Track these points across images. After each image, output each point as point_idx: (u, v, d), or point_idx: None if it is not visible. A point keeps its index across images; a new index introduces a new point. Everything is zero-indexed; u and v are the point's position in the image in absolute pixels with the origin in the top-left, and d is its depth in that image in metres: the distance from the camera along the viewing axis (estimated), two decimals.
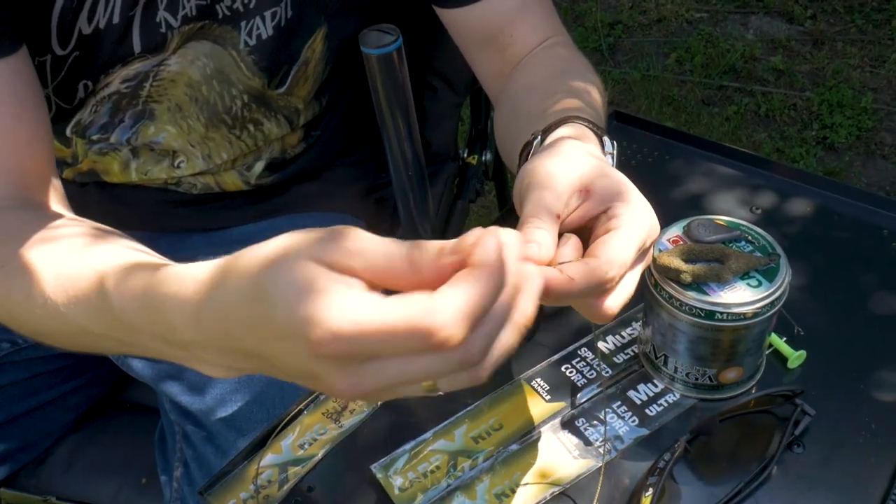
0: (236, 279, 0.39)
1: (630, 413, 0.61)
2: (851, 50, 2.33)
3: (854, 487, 0.55)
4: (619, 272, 0.46)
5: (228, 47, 0.77)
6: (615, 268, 0.45)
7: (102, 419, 0.93)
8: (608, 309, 0.46)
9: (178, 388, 0.79)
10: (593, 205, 0.49)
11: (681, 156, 0.85)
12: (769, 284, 0.55)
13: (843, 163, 2.01)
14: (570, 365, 0.64)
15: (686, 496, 0.56)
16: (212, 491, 0.59)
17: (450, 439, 0.60)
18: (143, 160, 0.84)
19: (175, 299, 0.42)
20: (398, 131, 0.65)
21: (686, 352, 0.58)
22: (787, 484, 0.56)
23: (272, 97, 0.82)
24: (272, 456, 0.61)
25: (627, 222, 0.47)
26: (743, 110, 2.17)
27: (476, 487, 0.57)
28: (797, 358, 0.62)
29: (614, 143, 0.60)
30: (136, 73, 0.76)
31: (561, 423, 0.60)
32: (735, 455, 0.58)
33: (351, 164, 0.99)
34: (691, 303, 0.55)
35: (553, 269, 0.44)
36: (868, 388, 0.61)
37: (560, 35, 0.78)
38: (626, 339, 0.66)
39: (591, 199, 0.49)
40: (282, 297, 0.36)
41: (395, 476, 0.58)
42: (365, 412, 0.63)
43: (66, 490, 0.88)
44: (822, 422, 0.59)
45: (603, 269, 0.45)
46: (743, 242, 0.58)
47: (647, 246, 0.49)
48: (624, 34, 2.50)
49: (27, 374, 0.86)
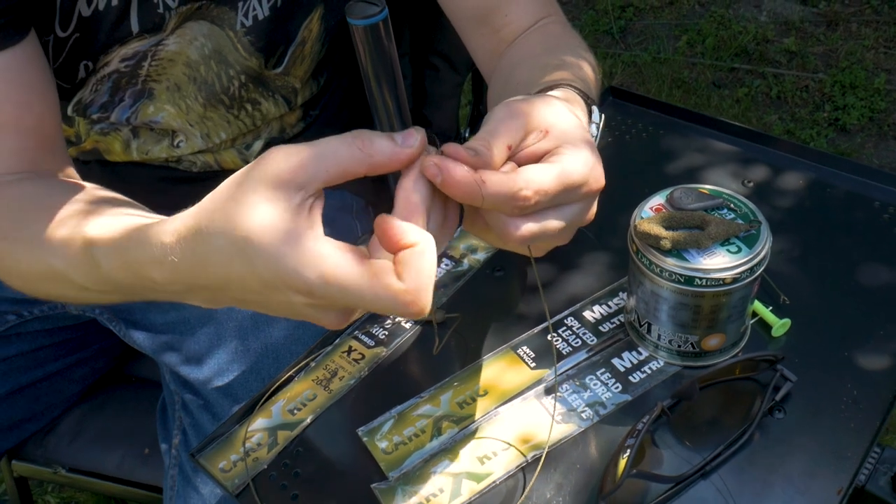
0: (212, 239, 0.42)
1: (614, 380, 0.61)
2: (866, 31, 2.30)
3: (833, 451, 0.56)
4: (535, 196, 0.44)
5: (226, 28, 0.78)
6: (530, 186, 0.44)
7: (108, 392, 0.95)
8: (519, 232, 0.46)
9: (178, 359, 0.81)
10: (546, 144, 0.48)
11: (675, 130, 0.85)
12: (749, 251, 0.55)
13: (854, 144, 1.99)
14: (557, 333, 0.65)
15: (667, 459, 0.56)
16: (204, 453, 0.61)
17: (435, 405, 0.61)
18: (143, 139, 0.86)
19: (154, 262, 0.46)
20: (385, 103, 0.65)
21: (668, 319, 0.59)
22: (767, 447, 0.56)
23: (269, 77, 0.83)
24: (262, 420, 0.62)
25: (563, 158, 0.46)
26: (754, 92, 2.15)
27: (460, 450, 0.58)
28: (781, 326, 0.63)
29: (602, 115, 0.60)
30: (134, 52, 0.77)
31: (545, 390, 0.61)
32: (717, 420, 0.59)
33: None
34: (672, 269, 0.56)
35: (468, 169, 0.44)
36: (851, 356, 0.61)
37: (554, 14, 0.78)
38: (613, 309, 0.67)
39: (545, 140, 0.48)
40: (265, 255, 0.41)
41: (381, 440, 0.59)
42: (354, 379, 0.64)
43: (72, 459, 0.91)
44: (804, 388, 0.59)
45: (516, 184, 0.44)
46: (725, 210, 0.59)
47: (581, 190, 0.47)
48: (635, 17, 2.49)
49: (33, 346, 0.88)
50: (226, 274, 0.43)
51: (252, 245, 0.41)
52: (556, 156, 0.47)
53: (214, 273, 0.43)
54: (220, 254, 0.42)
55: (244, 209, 0.41)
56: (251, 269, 0.42)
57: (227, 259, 0.42)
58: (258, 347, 0.77)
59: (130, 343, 0.86)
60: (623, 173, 0.75)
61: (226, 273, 0.43)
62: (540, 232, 0.46)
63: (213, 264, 0.43)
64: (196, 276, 0.45)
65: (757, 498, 0.54)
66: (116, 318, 0.87)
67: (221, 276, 0.43)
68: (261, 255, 0.41)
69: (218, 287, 0.44)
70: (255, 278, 0.42)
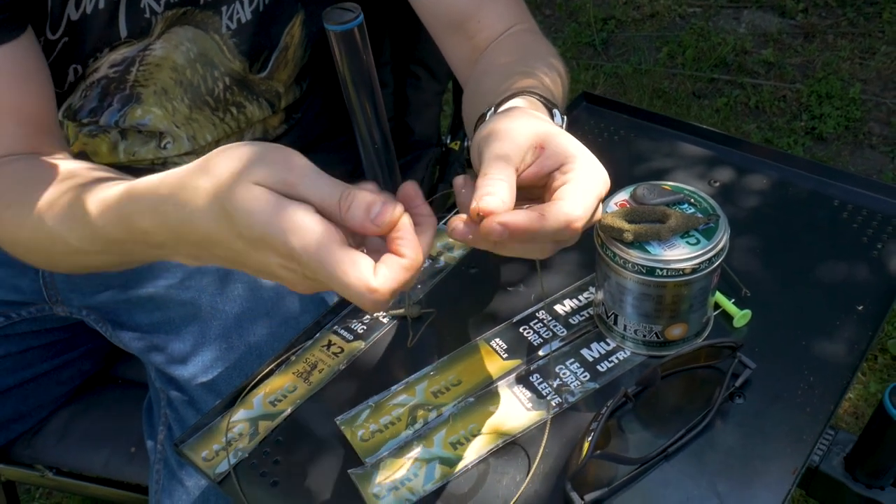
0: (203, 198, 0.47)
1: (582, 369, 0.64)
2: (842, 42, 2.36)
3: (789, 434, 0.58)
4: (586, 216, 0.49)
5: (211, 31, 0.81)
6: (581, 210, 0.49)
7: (95, 393, 0.97)
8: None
9: (164, 358, 0.82)
10: (547, 161, 0.52)
11: (646, 134, 0.88)
12: (707, 242, 0.58)
13: (830, 152, 2.04)
14: (528, 326, 0.68)
15: (632, 442, 0.59)
16: (187, 443, 0.63)
17: (411, 394, 0.63)
18: (130, 141, 0.88)
19: (146, 211, 0.51)
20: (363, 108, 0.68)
21: (633, 309, 0.62)
22: (727, 431, 0.59)
23: (253, 81, 0.86)
24: (244, 411, 0.64)
25: (584, 175, 0.50)
26: (733, 102, 2.20)
27: (433, 437, 0.60)
28: (742, 317, 0.65)
29: (564, 118, 0.63)
30: (122, 57, 0.80)
31: (516, 379, 0.64)
32: (679, 406, 0.61)
33: (332, 148, 1.02)
34: (634, 260, 0.58)
35: (521, 211, 0.48)
36: (808, 345, 0.64)
37: (526, 22, 0.81)
38: (583, 303, 0.69)
39: (545, 156, 0.52)
40: (259, 218, 0.45)
41: (358, 428, 0.61)
42: (333, 372, 0.66)
43: (59, 459, 0.92)
44: (763, 375, 0.62)
45: (571, 211, 0.48)
46: (686, 205, 0.61)
47: (601, 199, 0.51)
48: (617, 29, 2.53)
49: (21, 348, 0.90)
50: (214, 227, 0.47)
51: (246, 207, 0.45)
52: (569, 173, 0.51)
53: (202, 225, 0.48)
54: (210, 212, 0.47)
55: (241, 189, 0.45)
56: (236, 229, 0.46)
57: (215, 216, 0.47)
58: (242, 346, 0.79)
59: (117, 343, 0.88)
60: None
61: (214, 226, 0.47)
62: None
63: (200, 218, 0.47)
64: (184, 224, 0.49)
65: (717, 478, 0.56)
66: (103, 320, 0.89)
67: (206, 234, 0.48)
68: (252, 214, 0.45)
69: (204, 239, 0.48)
70: (238, 237, 0.46)
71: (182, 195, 0.48)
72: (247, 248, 0.46)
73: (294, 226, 0.44)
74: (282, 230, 0.44)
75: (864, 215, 0.75)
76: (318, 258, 0.44)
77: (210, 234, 0.47)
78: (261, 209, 0.44)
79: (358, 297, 0.45)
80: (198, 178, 0.47)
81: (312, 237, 0.44)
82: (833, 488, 0.60)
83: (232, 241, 0.47)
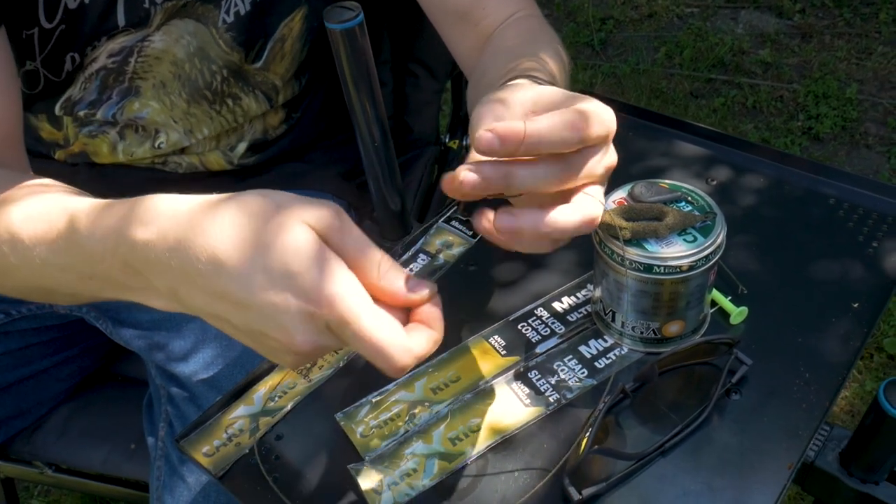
0: (227, 222, 0.43)
1: (580, 366, 0.64)
2: (839, 43, 2.36)
3: (785, 430, 0.59)
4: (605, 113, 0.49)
5: (209, 25, 0.81)
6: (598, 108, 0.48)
7: (94, 390, 0.97)
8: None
9: (165, 355, 0.83)
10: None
11: (644, 133, 0.89)
12: (704, 240, 0.59)
13: (827, 152, 2.04)
14: (527, 323, 0.68)
15: (629, 438, 0.59)
16: (188, 439, 0.63)
17: (410, 390, 0.64)
18: (128, 141, 0.89)
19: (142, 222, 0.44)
20: (363, 106, 0.69)
21: (630, 306, 0.62)
22: (723, 427, 0.60)
23: (249, 72, 0.86)
24: (244, 407, 0.65)
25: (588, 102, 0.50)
26: (730, 102, 2.21)
27: (432, 433, 0.61)
28: (739, 314, 0.66)
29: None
30: (121, 47, 0.80)
31: (514, 375, 0.64)
32: (676, 401, 0.62)
33: (332, 147, 1.03)
34: (632, 257, 0.59)
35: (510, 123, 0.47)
36: (804, 342, 0.65)
37: (529, 8, 0.81)
38: (581, 300, 0.70)
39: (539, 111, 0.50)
40: (301, 256, 0.41)
41: (358, 424, 0.62)
42: (332, 368, 0.67)
43: (59, 456, 0.93)
44: (759, 372, 0.62)
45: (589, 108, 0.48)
46: (683, 203, 0.62)
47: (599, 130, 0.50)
48: (615, 29, 2.54)
49: (21, 345, 0.90)
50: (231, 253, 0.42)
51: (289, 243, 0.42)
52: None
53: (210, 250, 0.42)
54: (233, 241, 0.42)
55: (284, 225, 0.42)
56: (262, 262, 0.42)
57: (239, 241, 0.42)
58: (242, 343, 0.79)
59: (118, 340, 0.88)
60: None
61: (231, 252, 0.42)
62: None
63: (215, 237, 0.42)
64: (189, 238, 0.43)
65: (713, 474, 0.57)
66: (104, 317, 0.89)
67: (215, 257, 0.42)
68: (295, 252, 0.41)
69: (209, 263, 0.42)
70: (259, 271, 0.42)
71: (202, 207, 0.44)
72: (264, 285, 0.42)
73: (335, 275, 0.42)
74: (322, 275, 0.42)
75: (860, 214, 0.76)
76: (357, 310, 0.42)
77: (222, 259, 0.42)
78: (306, 249, 0.42)
79: (389, 357, 0.43)
80: (231, 206, 0.43)
81: (352, 288, 0.42)
82: (828, 483, 0.60)
83: (250, 274, 0.42)
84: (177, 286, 0.44)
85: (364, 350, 0.44)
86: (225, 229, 0.42)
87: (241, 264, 0.42)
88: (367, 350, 0.44)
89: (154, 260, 0.44)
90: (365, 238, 0.45)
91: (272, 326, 0.43)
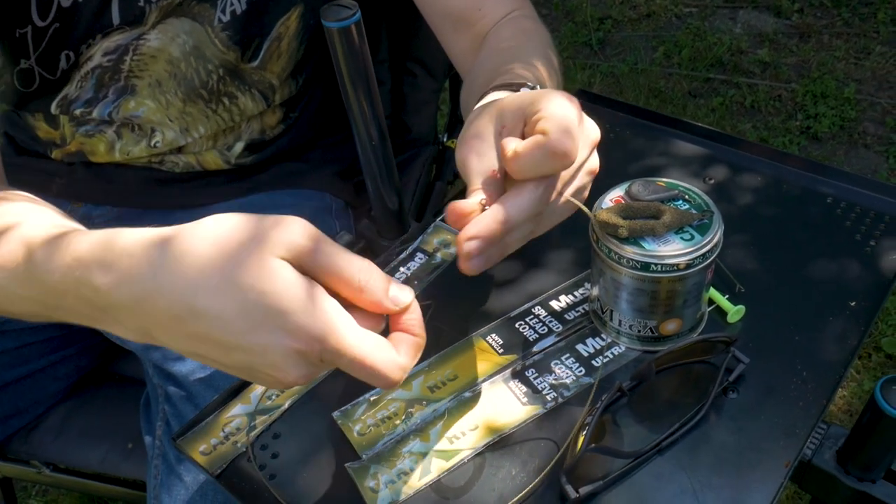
0: (194, 267, 0.41)
1: (578, 364, 0.64)
2: (837, 42, 2.37)
3: (782, 428, 0.59)
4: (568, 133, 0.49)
5: (205, 24, 0.81)
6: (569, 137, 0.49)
7: (92, 389, 0.97)
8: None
9: (162, 354, 0.83)
10: (510, 130, 0.52)
11: (641, 132, 0.89)
12: (701, 238, 0.59)
13: (825, 152, 2.04)
14: (524, 322, 0.68)
15: (626, 436, 0.59)
16: (185, 438, 0.63)
17: (407, 389, 0.64)
18: (125, 141, 0.88)
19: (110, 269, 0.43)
20: (360, 104, 0.69)
21: (628, 305, 0.62)
22: (720, 425, 0.60)
23: (245, 71, 0.86)
24: (242, 406, 0.64)
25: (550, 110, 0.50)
26: (728, 102, 2.21)
27: (430, 431, 0.61)
28: (736, 312, 0.66)
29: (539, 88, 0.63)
30: (116, 45, 0.80)
31: (511, 374, 0.64)
32: (674, 400, 0.62)
33: (329, 146, 1.03)
34: (629, 256, 0.59)
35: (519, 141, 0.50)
36: (802, 340, 0.65)
37: (524, 8, 0.81)
38: (578, 299, 0.70)
39: (506, 130, 0.52)
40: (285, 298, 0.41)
41: (355, 422, 0.62)
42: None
43: (57, 455, 0.93)
44: (757, 370, 0.62)
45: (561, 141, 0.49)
46: (680, 201, 0.62)
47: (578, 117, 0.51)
48: (613, 29, 2.54)
49: (17, 344, 0.90)
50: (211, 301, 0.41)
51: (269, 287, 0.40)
52: (536, 113, 0.51)
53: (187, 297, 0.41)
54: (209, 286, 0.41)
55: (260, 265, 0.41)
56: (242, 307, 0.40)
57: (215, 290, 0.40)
58: None
59: (115, 340, 0.88)
60: None
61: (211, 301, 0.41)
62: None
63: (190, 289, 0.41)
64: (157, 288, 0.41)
65: (710, 472, 0.57)
66: None
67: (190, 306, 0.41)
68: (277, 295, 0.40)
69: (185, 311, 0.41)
70: (242, 315, 0.41)
71: (163, 248, 0.42)
72: (250, 328, 0.41)
73: (321, 308, 0.42)
74: (308, 310, 0.41)
75: (858, 212, 0.76)
76: (349, 340, 0.43)
77: (199, 307, 0.41)
78: (287, 286, 0.41)
79: (384, 377, 0.44)
80: (193, 245, 0.42)
81: (340, 319, 0.43)
82: (825, 481, 0.60)
83: (233, 319, 0.41)
84: (149, 328, 0.43)
85: (357, 373, 0.44)
86: (195, 275, 0.41)
87: (221, 310, 0.41)
88: (360, 373, 0.44)
89: (120, 305, 0.43)
90: (338, 252, 0.44)
91: (263, 364, 0.43)
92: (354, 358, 0.43)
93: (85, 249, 0.44)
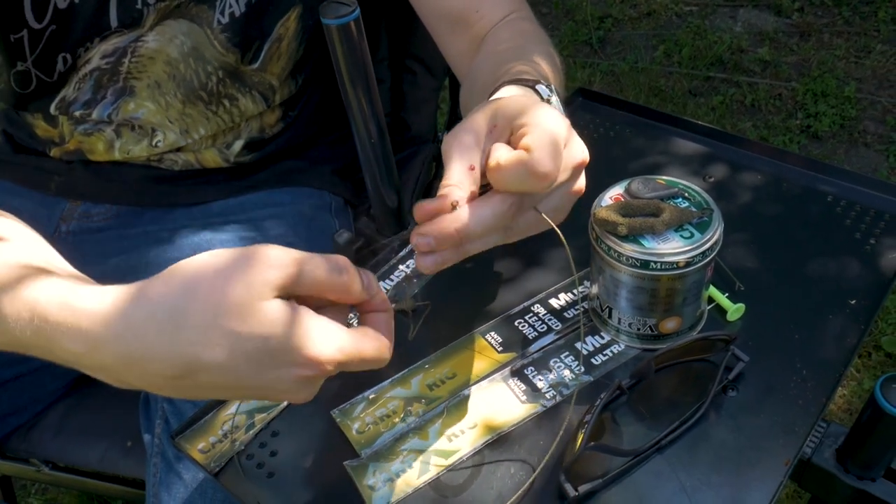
0: (188, 326, 0.41)
1: (577, 362, 0.64)
2: (837, 41, 2.36)
3: (782, 427, 0.59)
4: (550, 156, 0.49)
5: (204, 25, 0.81)
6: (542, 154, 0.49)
7: (91, 387, 0.97)
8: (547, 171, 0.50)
9: None
10: (499, 133, 0.52)
11: (642, 130, 0.89)
12: (701, 236, 0.59)
13: (825, 150, 2.04)
14: (523, 320, 0.68)
15: (626, 434, 0.59)
16: (184, 436, 0.63)
17: (406, 387, 0.64)
18: (124, 139, 0.88)
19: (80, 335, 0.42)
20: (360, 102, 0.69)
21: (627, 303, 0.62)
22: (720, 424, 0.59)
23: (246, 73, 0.86)
24: (240, 403, 0.64)
25: (536, 127, 0.50)
26: (729, 100, 2.21)
27: (429, 429, 0.61)
28: (736, 311, 0.66)
29: (552, 88, 0.63)
30: (114, 48, 0.80)
31: (511, 372, 0.64)
32: (673, 398, 0.61)
33: (328, 144, 1.03)
34: (629, 254, 0.59)
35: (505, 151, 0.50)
36: (801, 339, 0.65)
37: (522, 10, 0.81)
38: (577, 297, 0.70)
39: (496, 130, 0.52)
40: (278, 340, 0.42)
41: (354, 420, 0.62)
42: None
43: (55, 454, 0.93)
44: (756, 368, 0.62)
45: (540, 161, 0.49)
46: (679, 199, 0.62)
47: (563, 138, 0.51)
48: (614, 27, 2.54)
49: None
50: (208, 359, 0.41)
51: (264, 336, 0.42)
52: (523, 128, 0.51)
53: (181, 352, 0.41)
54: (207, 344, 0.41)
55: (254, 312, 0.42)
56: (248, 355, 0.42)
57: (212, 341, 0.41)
58: None
59: None
60: (590, 170, 0.78)
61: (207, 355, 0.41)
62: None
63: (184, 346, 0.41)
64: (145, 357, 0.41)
65: (710, 470, 0.57)
66: None
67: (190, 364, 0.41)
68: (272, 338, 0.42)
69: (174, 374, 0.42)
70: (249, 362, 0.42)
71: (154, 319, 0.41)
72: (255, 371, 0.42)
73: (321, 335, 0.44)
74: (310, 341, 0.43)
75: (858, 211, 0.76)
76: (353, 351, 0.46)
77: (203, 361, 0.41)
78: (283, 323, 0.42)
79: (376, 361, 0.48)
80: (175, 302, 0.41)
81: (340, 337, 0.45)
82: (825, 480, 0.60)
83: (237, 366, 0.42)
84: (136, 384, 0.44)
85: (354, 369, 0.48)
86: (192, 334, 0.41)
87: (226, 361, 0.41)
88: (356, 368, 0.48)
89: (99, 367, 0.43)
90: (317, 267, 0.45)
91: (274, 392, 0.45)
92: (352, 361, 0.46)
93: (45, 304, 0.42)
